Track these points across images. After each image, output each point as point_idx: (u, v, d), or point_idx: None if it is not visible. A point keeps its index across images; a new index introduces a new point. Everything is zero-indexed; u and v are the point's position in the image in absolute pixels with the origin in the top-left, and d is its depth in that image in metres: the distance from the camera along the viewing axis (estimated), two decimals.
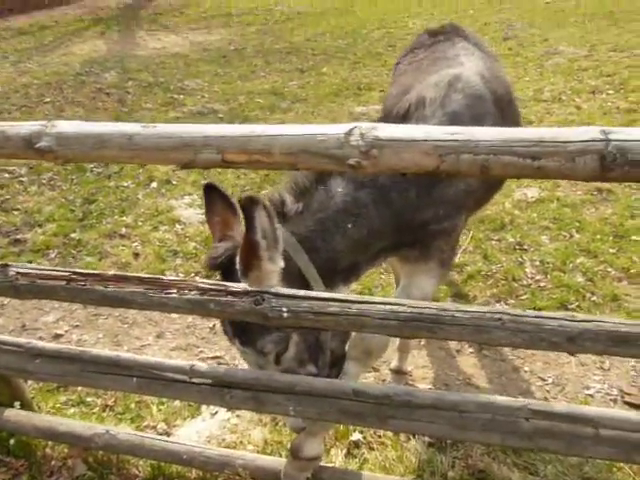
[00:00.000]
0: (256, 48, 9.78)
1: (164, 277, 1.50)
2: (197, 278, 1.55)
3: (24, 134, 1.23)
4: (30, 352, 1.83)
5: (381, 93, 6.84)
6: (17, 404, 2.20)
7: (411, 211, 1.70)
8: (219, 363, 2.79)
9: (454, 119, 1.69)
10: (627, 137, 0.99)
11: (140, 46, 10.17)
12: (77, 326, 3.13)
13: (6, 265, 1.59)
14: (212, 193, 1.64)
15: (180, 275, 3.50)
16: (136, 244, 3.84)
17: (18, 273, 1.56)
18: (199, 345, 2.95)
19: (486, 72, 2.05)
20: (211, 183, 1.66)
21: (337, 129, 1.10)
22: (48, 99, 6.93)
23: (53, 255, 3.75)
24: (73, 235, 3.94)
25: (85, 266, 3.58)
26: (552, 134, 1.01)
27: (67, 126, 1.24)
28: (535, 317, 1.21)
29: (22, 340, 1.92)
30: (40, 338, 3.04)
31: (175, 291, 1.45)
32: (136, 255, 3.70)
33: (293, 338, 1.57)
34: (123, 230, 3.98)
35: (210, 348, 2.90)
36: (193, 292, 1.44)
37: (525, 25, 9.81)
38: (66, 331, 3.10)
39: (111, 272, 1.53)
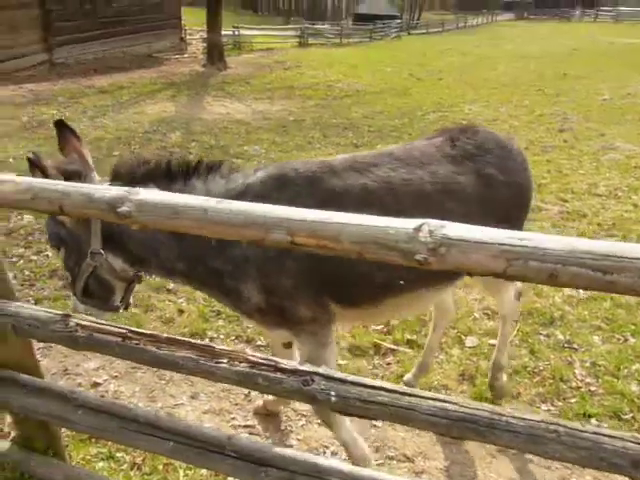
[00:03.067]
0: (314, 121, 10.20)
1: (215, 345, 1.52)
2: (247, 350, 1.55)
3: (108, 198, 1.31)
4: (74, 402, 1.86)
5: None
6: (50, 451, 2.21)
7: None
8: (250, 433, 2.74)
9: None
10: None
11: (206, 110, 10.78)
12: (116, 377, 3.16)
13: (67, 315, 1.65)
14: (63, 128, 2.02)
15: (221, 336, 3.53)
16: (181, 300, 3.91)
17: (78, 325, 1.61)
18: (232, 411, 2.91)
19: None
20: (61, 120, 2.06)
21: (406, 224, 1.13)
22: (116, 153, 7.35)
23: None
24: None
25: (131, 317, 3.66)
26: (622, 249, 1.00)
27: (147, 194, 1.32)
28: (595, 434, 1.15)
29: (67, 389, 1.95)
30: (79, 384, 3.10)
31: (225, 361, 1.46)
32: (180, 311, 3.77)
33: None
34: (171, 285, 4.08)
35: (243, 416, 2.87)
36: (243, 364, 1.45)
37: (581, 119, 9.92)
38: (105, 380, 3.14)
39: (165, 335, 1.56)
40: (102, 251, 1.88)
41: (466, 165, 2.22)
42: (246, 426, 2.80)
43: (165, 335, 1.56)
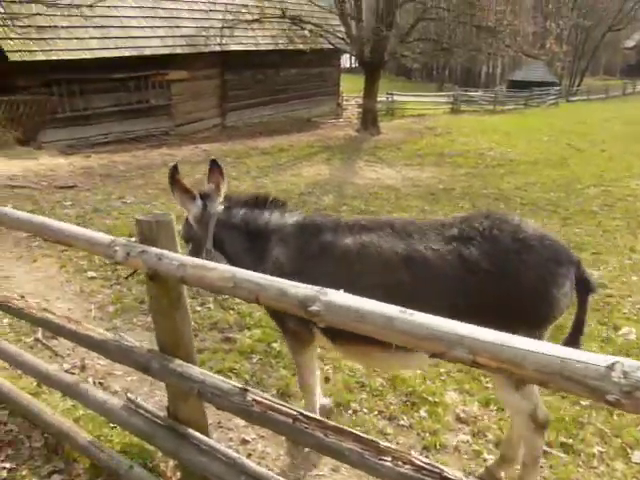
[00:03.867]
0: (464, 190, 10.12)
1: (380, 442, 1.56)
2: (412, 452, 1.57)
3: (300, 296, 1.46)
4: (238, 467, 2.00)
5: (594, 255, 6.49)
6: None
7: None
8: None
9: None
10: None
11: (358, 175, 11.24)
12: (263, 437, 3.32)
13: (246, 390, 1.81)
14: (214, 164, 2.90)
15: (364, 409, 3.56)
16: (328, 368, 4.02)
17: (254, 400, 1.76)
18: None
19: None
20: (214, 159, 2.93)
21: (596, 359, 1.10)
22: None
23: (255, 360, 4.10)
24: (274, 345, 4.30)
25: (280, 378, 3.86)
26: None
27: (336, 296, 1.44)
28: None
29: (231, 454, 2.11)
30: (230, 439, 3.30)
31: (389, 459, 1.50)
32: (327, 379, 3.87)
33: None
34: (318, 350, 4.21)
35: None
36: (407, 466, 1.47)
37: None
38: (253, 439, 3.30)
39: (332, 423, 1.64)
40: (213, 249, 2.69)
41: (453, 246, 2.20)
42: None
43: (332, 423, 1.64)
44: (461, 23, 18.64)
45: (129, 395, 2.40)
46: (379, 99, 20.83)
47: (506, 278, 2.12)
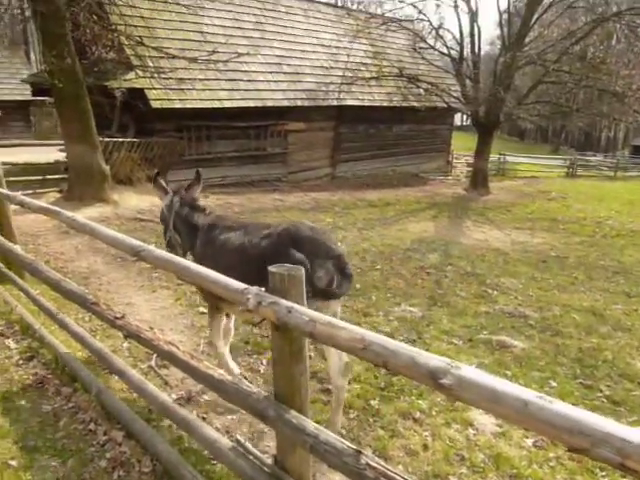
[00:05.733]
0: (579, 260, 9.55)
1: None
2: None
3: (431, 367, 1.45)
4: None
5: None
6: None
7: None
8: None
9: None
10: None
11: (465, 235, 11.03)
12: None
13: (359, 452, 1.81)
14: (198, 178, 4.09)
15: None
16: (426, 434, 3.89)
17: (368, 464, 1.75)
18: None
19: None
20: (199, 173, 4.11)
21: None
22: (379, 266, 7.95)
23: (352, 415, 4.06)
24: (373, 402, 4.23)
25: (377, 438, 3.78)
26: None
27: (468, 371, 1.42)
28: None
29: None
30: None
31: None
32: (425, 446, 3.73)
33: None
34: (417, 414, 4.11)
35: None
36: None
37: None
38: None
39: None
40: (172, 230, 3.93)
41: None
42: None
43: None
44: (584, 87, 18.03)
45: (238, 437, 2.47)
46: (490, 159, 20.51)
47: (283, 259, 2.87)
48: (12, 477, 3.10)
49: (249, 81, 15.57)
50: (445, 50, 18.83)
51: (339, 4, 35.01)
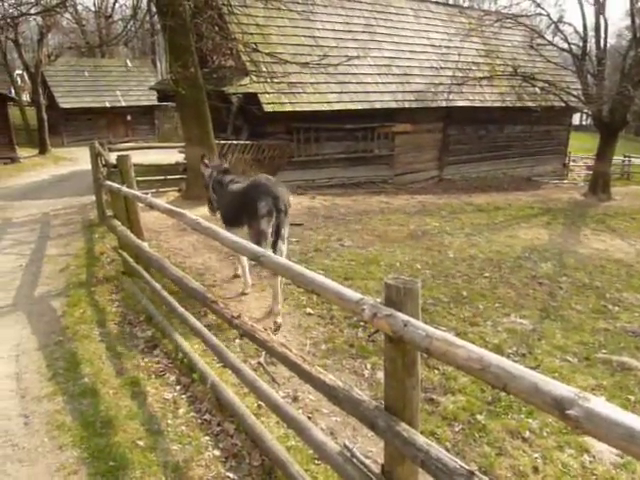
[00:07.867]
0: None
1: None
2: None
3: (556, 396, 1.40)
4: None
5: None
6: None
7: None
8: None
9: None
10: None
11: (582, 244, 10.31)
12: None
13: (472, 473, 1.78)
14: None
15: None
16: (536, 456, 3.70)
17: None
18: None
19: None
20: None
21: None
22: (487, 274, 7.67)
23: (457, 429, 3.97)
24: (479, 417, 4.11)
25: (483, 455, 3.67)
26: None
27: (597, 403, 1.35)
28: None
29: None
30: None
31: None
32: (535, 469, 3.56)
33: None
34: (527, 434, 3.92)
35: None
36: None
37: None
38: None
39: None
40: (212, 192, 6.25)
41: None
42: None
43: None
44: None
45: (347, 443, 2.52)
46: (613, 161, 18.98)
47: (248, 196, 5.41)
48: (139, 456, 3.41)
49: (358, 83, 15.68)
50: (565, 46, 17.71)
51: (450, 2, 34.15)
